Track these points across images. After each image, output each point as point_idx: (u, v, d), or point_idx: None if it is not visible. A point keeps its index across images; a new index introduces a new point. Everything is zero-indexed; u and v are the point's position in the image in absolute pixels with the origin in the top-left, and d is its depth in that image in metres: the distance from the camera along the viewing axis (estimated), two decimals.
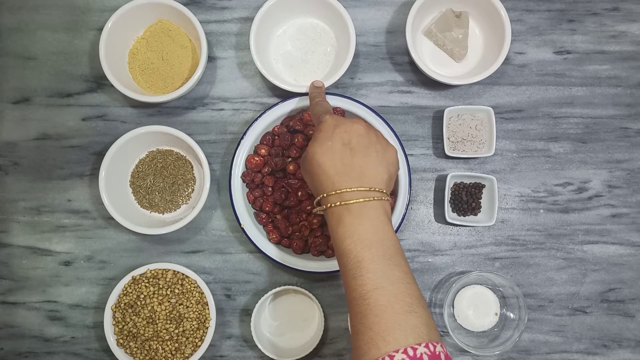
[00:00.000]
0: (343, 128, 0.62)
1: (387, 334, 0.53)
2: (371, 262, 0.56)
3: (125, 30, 0.82)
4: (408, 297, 0.55)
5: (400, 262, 0.57)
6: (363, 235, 0.57)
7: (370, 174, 0.61)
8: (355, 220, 0.58)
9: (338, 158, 0.61)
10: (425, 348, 0.52)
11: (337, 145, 0.61)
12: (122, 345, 0.78)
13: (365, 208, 0.59)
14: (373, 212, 0.59)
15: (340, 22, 0.80)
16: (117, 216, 0.78)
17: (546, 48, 0.85)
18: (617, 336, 0.82)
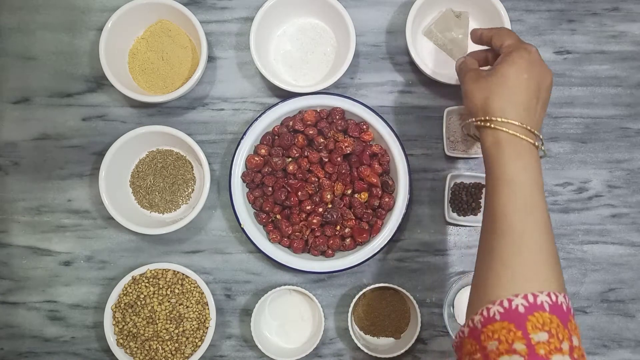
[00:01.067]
0: (541, 71, 0.62)
1: (539, 274, 0.54)
2: (543, 204, 0.57)
3: (125, 30, 0.82)
4: (556, 248, 0.56)
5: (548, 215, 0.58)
6: (538, 176, 0.58)
7: (539, 123, 0.62)
8: (533, 159, 0.59)
9: (528, 97, 0.61)
10: (564, 299, 0.53)
11: (532, 84, 0.61)
12: (122, 345, 0.78)
13: (536, 153, 0.60)
14: (539, 160, 0.60)
15: (340, 22, 0.80)
16: (117, 216, 0.78)
17: (546, 48, 0.85)
18: (617, 336, 0.82)
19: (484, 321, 0.53)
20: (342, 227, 0.80)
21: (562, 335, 0.50)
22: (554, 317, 0.51)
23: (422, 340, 0.82)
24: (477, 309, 0.54)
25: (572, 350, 0.50)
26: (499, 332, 0.51)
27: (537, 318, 0.51)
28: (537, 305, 0.51)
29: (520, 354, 0.50)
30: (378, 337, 0.82)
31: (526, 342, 0.50)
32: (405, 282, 0.82)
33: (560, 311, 0.52)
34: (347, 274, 0.83)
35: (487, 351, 0.52)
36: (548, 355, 0.49)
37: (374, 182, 0.80)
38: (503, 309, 0.52)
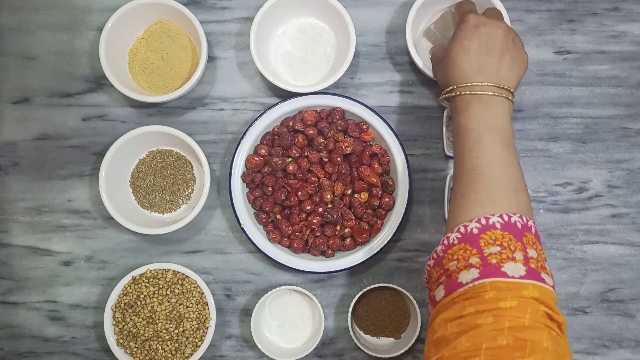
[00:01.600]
0: (483, 30, 0.67)
1: (492, 200, 0.59)
2: (491, 142, 0.62)
3: (125, 30, 0.82)
4: (517, 179, 0.61)
5: (514, 151, 0.63)
6: (488, 120, 0.63)
7: (503, 74, 0.66)
8: (483, 107, 0.64)
9: (474, 56, 0.66)
10: (519, 218, 0.58)
11: (474, 45, 0.66)
12: (122, 345, 0.78)
13: (494, 101, 0.64)
14: (500, 106, 0.64)
15: (340, 22, 0.80)
16: (117, 216, 0.78)
17: (546, 48, 0.85)
18: (617, 336, 0.82)
19: (444, 248, 0.59)
20: (342, 227, 0.80)
21: (514, 247, 0.55)
22: (506, 233, 0.56)
23: (422, 340, 0.82)
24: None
25: (527, 259, 0.55)
26: (456, 253, 0.57)
27: (489, 235, 0.56)
28: (489, 225, 0.57)
29: (476, 267, 0.55)
30: (378, 337, 0.82)
31: (480, 255, 0.55)
32: (405, 282, 0.82)
33: (513, 228, 0.57)
34: (347, 274, 0.83)
35: (449, 272, 0.57)
36: (500, 264, 0.54)
37: (374, 182, 0.80)
38: (460, 234, 0.58)
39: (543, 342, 0.50)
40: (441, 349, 0.52)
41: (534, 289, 0.53)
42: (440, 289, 0.58)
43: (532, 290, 0.53)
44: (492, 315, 0.51)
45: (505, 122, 0.64)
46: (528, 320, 0.51)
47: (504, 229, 0.57)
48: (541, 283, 0.54)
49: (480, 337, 0.50)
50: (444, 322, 0.54)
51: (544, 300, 0.53)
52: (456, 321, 0.53)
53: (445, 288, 0.57)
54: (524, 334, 0.50)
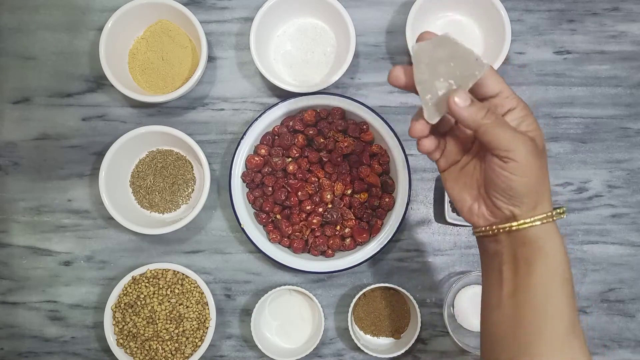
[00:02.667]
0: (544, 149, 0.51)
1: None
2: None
3: (125, 30, 0.82)
4: (584, 337, 0.51)
5: None
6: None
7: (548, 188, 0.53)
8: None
9: (541, 180, 0.50)
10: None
11: (544, 168, 0.50)
12: (122, 345, 0.78)
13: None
14: None
15: (340, 22, 0.80)
16: (117, 216, 0.78)
17: (546, 48, 0.85)
18: (617, 336, 0.82)
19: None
20: (342, 227, 0.80)
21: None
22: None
23: (422, 340, 0.82)
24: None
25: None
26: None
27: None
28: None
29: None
30: (378, 337, 0.82)
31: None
32: (405, 282, 0.82)
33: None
34: (347, 274, 0.83)
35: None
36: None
37: (374, 182, 0.80)
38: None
39: None
40: None
41: None
42: None
43: None
44: None
45: None
46: None
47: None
48: None
49: None
50: None
51: None
52: None
53: None
54: None
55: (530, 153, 0.47)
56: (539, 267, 0.49)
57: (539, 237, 0.49)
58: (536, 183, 0.48)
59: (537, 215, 0.49)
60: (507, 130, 0.47)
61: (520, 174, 0.47)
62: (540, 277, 0.50)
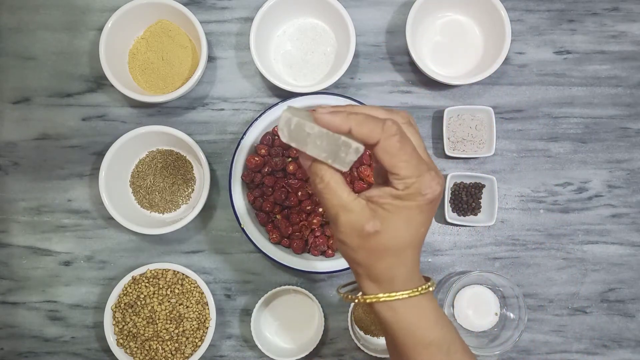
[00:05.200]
0: (435, 206, 0.49)
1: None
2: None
3: (125, 30, 0.82)
4: None
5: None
6: (443, 316, 0.51)
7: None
8: (437, 308, 0.51)
9: (419, 244, 0.49)
10: None
11: (425, 230, 0.49)
12: (122, 345, 0.78)
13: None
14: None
15: (340, 22, 0.80)
16: (117, 216, 0.78)
17: (546, 48, 0.85)
18: (617, 336, 0.82)
19: None
20: None
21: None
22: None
23: None
24: None
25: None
26: None
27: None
28: None
29: None
30: (378, 337, 0.82)
31: None
32: None
33: None
34: (347, 274, 0.83)
35: None
36: None
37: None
38: None
39: None
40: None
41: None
42: None
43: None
44: None
45: None
46: None
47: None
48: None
49: None
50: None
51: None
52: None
53: None
54: None
55: (353, 230, 0.46)
56: (389, 329, 0.49)
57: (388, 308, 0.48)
58: (365, 259, 0.47)
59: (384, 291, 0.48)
60: (333, 196, 0.46)
61: (343, 244, 0.47)
62: (391, 341, 0.50)
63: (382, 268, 0.47)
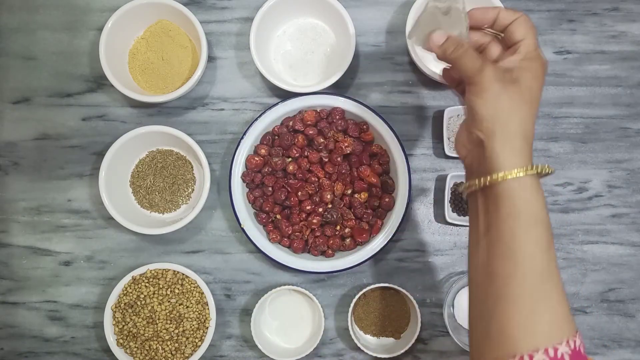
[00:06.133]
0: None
1: (567, 320, 0.50)
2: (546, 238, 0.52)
3: (125, 30, 0.82)
4: (560, 283, 0.52)
5: None
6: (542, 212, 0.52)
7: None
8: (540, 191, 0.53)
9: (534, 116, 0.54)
10: (567, 347, 0.49)
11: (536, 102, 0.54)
12: (122, 345, 0.78)
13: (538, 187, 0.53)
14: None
15: (340, 22, 0.80)
16: (117, 216, 0.78)
17: (546, 48, 0.85)
18: (617, 336, 0.82)
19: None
20: (342, 227, 0.80)
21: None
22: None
23: (422, 340, 0.82)
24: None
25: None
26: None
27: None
28: (558, 359, 0.48)
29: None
30: (378, 337, 0.82)
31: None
32: (405, 282, 0.82)
33: (579, 356, 0.49)
34: (347, 274, 0.83)
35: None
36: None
37: (374, 182, 0.80)
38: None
39: None
40: None
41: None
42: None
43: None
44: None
45: None
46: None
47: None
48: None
49: None
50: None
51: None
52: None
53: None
54: None
55: (495, 78, 0.52)
56: (505, 203, 0.51)
57: (510, 184, 0.51)
58: (502, 111, 0.52)
59: (508, 164, 0.51)
60: (472, 59, 0.53)
61: (481, 97, 0.52)
62: (506, 215, 0.51)
63: (517, 122, 0.52)
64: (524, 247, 0.50)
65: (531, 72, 0.53)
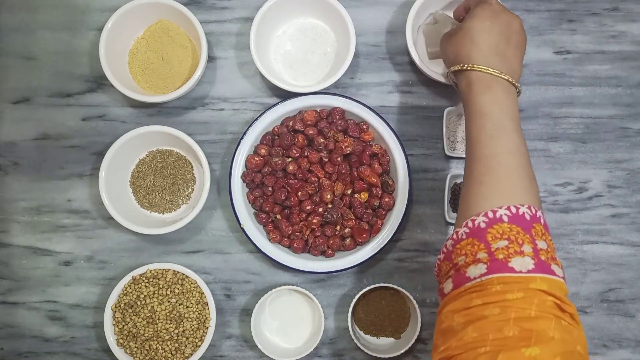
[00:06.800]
0: (504, 18, 0.67)
1: (511, 190, 0.59)
2: (512, 131, 0.62)
3: (125, 30, 0.82)
4: (531, 170, 0.62)
5: (525, 142, 0.63)
6: (509, 108, 0.63)
7: (515, 68, 0.66)
8: (504, 93, 0.63)
9: (495, 41, 0.65)
10: (528, 209, 0.57)
11: (496, 29, 0.66)
12: (122, 345, 0.78)
13: (511, 91, 0.64)
14: (515, 96, 0.65)
15: (340, 22, 0.80)
16: (117, 216, 0.78)
17: (546, 48, 0.85)
18: (617, 336, 0.82)
19: (453, 243, 0.59)
20: (342, 227, 0.80)
21: (522, 240, 0.55)
22: (514, 225, 0.56)
23: (422, 340, 0.82)
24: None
25: (536, 252, 0.55)
26: (465, 247, 0.57)
27: (496, 229, 0.56)
28: (496, 218, 0.56)
29: (483, 262, 0.55)
30: (378, 337, 0.82)
31: (487, 250, 0.55)
32: (405, 282, 0.82)
33: (521, 220, 0.56)
34: (347, 274, 0.83)
35: (457, 266, 0.57)
36: (507, 259, 0.54)
37: (374, 182, 0.80)
38: (468, 228, 0.58)
39: (549, 331, 0.50)
40: (449, 338, 0.53)
41: (542, 281, 0.53)
42: (449, 282, 0.58)
43: (539, 283, 0.53)
44: (498, 306, 0.52)
45: (517, 112, 0.64)
46: (534, 311, 0.51)
47: (512, 222, 0.56)
48: (550, 275, 0.54)
49: (487, 327, 0.51)
50: (451, 313, 0.55)
51: (552, 292, 0.53)
52: (463, 312, 0.54)
53: (454, 281, 0.57)
54: (530, 324, 0.50)
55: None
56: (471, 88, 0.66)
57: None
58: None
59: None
60: None
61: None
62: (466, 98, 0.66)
63: (462, 50, 0.67)
64: (471, 135, 0.63)
65: (469, 17, 0.68)
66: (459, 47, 0.67)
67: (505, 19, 0.67)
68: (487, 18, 0.66)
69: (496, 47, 0.65)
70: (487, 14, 0.66)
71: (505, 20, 0.67)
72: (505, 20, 0.67)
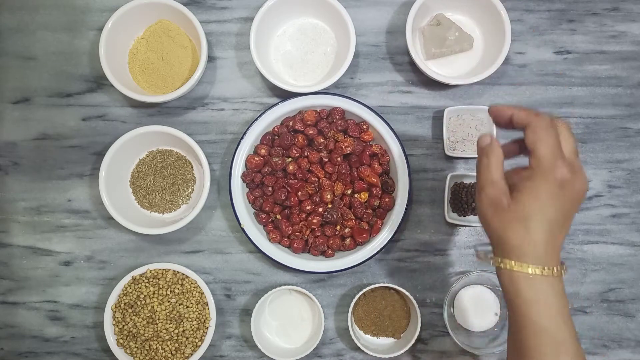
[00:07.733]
0: (568, 193, 0.54)
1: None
2: (573, 344, 0.54)
3: (125, 30, 0.82)
4: None
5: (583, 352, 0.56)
6: (565, 314, 0.54)
7: (560, 244, 0.56)
8: (555, 297, 0.54)
9: (551, 229, 0.54)
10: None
11: (556, 215, 0.54)
12: (122, 345, 0.78)
13: (556, 284, 0.55)
14: (558, 289, 0.55)
15: (340, 22, 0.80)
16: (117, 216, 0.78)
17: (546, 48, 0.85)
18: (617, 336, 0.82)
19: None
20: (342, 227, 0.80)
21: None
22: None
23: (422, 340, 0.82)
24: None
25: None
26: None
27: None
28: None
29: None
30: (378, 337, 0.82)
31: None
32: (405, 282, 0.82)
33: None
34: (347, 274, 0.83)
35: None
36: None
37: (374, 182, 0.80)
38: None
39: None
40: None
41: None
42: None
43: None
44: None
45: (567, 301, 0.55)
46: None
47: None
48: None
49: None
50: None
51: None
52: None
53: None
54: None
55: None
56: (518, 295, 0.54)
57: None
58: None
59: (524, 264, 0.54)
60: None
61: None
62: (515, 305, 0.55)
63: (510, 237, 0.54)
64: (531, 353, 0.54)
65: (530, 194, 0.54)
66: (509, 232, 0.54)
67: (570, 195, 0.54)
68: (551, 203, 0.53)
69: (552, 237, 0.54)
70: (551, 197, 0.53)
71: (570, 198, 0.54)
72: (570, 198, 0.54)
